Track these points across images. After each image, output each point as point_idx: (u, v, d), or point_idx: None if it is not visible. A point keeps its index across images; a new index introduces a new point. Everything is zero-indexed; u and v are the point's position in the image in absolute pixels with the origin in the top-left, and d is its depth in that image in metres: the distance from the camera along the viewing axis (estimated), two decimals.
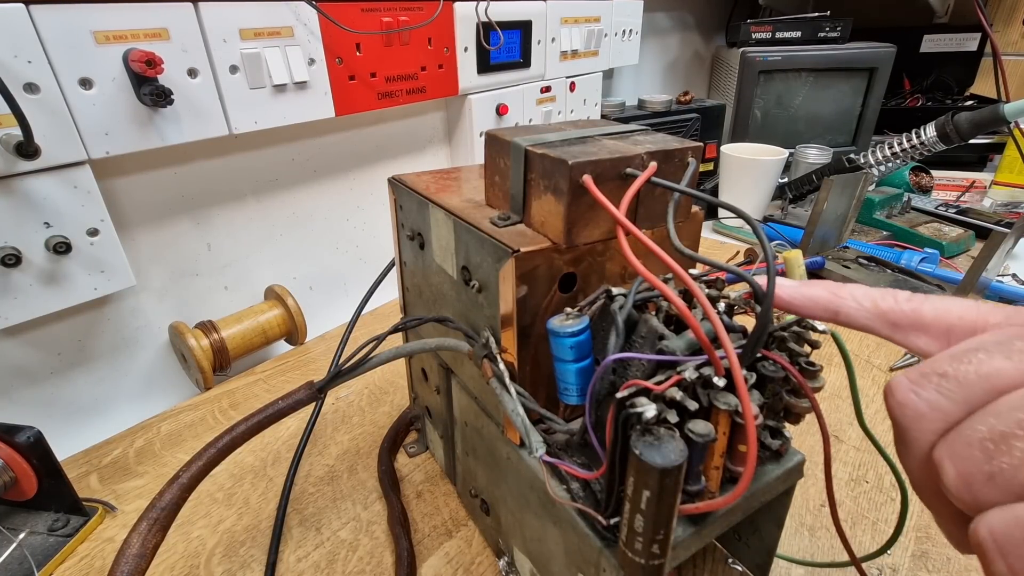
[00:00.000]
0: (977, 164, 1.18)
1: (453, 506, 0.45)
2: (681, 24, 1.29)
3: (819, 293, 0.22)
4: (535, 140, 0.30)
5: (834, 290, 0.22)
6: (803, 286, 0.23)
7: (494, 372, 0.30)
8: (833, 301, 0.22)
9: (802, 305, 0.23)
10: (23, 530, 0.42)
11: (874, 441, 0.28)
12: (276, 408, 0.35)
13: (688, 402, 0.22)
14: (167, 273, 0.59)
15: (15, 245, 0.44)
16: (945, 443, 0.17)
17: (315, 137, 0.67)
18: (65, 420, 0.56)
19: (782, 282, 0.23)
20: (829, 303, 0.22)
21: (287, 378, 0.61)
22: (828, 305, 0.22)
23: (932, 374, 0.18)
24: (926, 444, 0.18)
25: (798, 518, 0.42)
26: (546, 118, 0.88)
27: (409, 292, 0.44)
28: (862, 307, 0.21)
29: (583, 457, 0.27)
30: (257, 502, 0.46)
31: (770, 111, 1.14)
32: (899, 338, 0.20)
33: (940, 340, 0.19)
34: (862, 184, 0.74)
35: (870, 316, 0.21)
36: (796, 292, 0.23)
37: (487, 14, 0.71)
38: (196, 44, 0.49)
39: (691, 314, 0.21)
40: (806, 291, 0.23)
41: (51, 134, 0.44)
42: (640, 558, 0.22)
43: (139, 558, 0.27)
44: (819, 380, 0.27)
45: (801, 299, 0.23)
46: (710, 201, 0.26)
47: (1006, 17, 1.32)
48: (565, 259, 0.29)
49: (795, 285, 0.23)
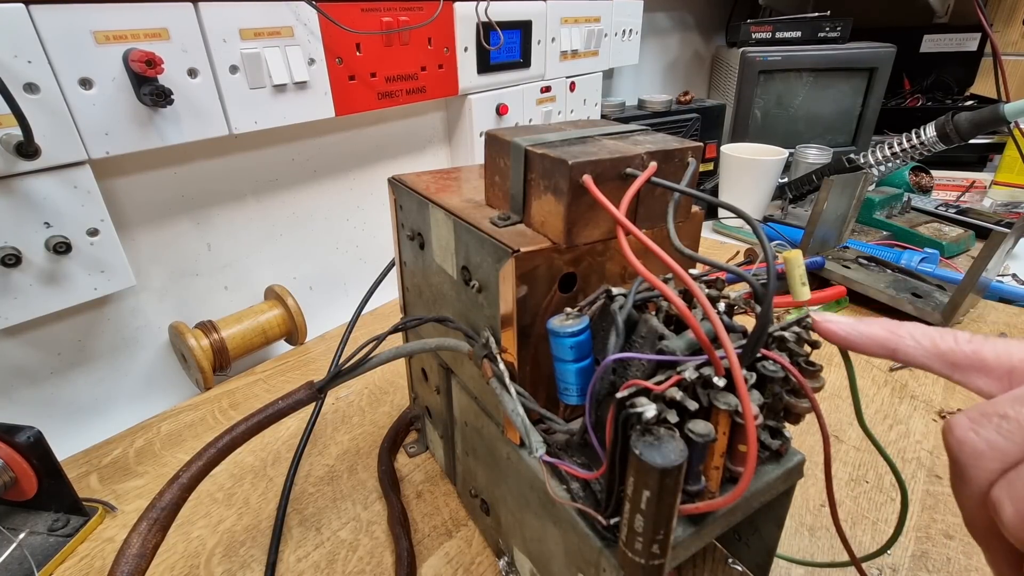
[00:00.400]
0: (977, 164, 1.18)
1: (453, 506, 0.45)
2: (681, 24, 1.29)
3: (877, 332, 0.23)
4: (535, 140, 0.30)
5: (892, 328, 0.22)
6: (860, 324, 0.23)
7: (494, 372, 0.30)
8: (891, 339, 0.22)
9: (859, 342, 0.23)
10: (23, 530, 0.42)
11: (874, 441, 0.28)
12: (276, 408, 0.35)
13: (688, 402, 0.22)
14: (167, 273, 0.59)
15: (15, 245, 0.44)
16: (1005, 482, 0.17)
17: (315, 137, 0.67)
18: (65, 420, 0.56)
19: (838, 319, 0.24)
20: (887, 341, 0.22)
21: (287, 378, 0.61)
22: (886, 343, 0.22)
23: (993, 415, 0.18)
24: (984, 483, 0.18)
25: (798, 518, 0.42)
26: (546, 118, 0.88)
27: (409, 292, 0.44)
28: (921, 346, 0.21)
29: (583, 457, 0.27)
30: (257, 502, 0.46)
31: (770, 111, 1.14)
32: (959, 378, 0.21)
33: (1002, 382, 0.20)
34: (862, 184, 0.74)
35: (929, 356, 0.21)
36: (853, 330, 0.23)
37: (487, 14, 0.71)
38: (196, 44, 0.49)
39: (691, 314, 0.21)
40: (864, 329, 0.23)
41: (51, 134, 0.44)
42: (640, 558, 0.22)
43: (139, 558, 0.27)
44: (819, 380, 0.27)
45: (858, 336, 0.23)
46: (710, 201, 0.26)
47: (1006, 17, 1.32)
48: (565, 259, 0.29)
49: (852, 323, 0.23)
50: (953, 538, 0.40)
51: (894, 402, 0.54)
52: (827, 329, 0.24)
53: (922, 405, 0.53)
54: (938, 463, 0.47)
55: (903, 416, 0.52)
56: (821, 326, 0.24)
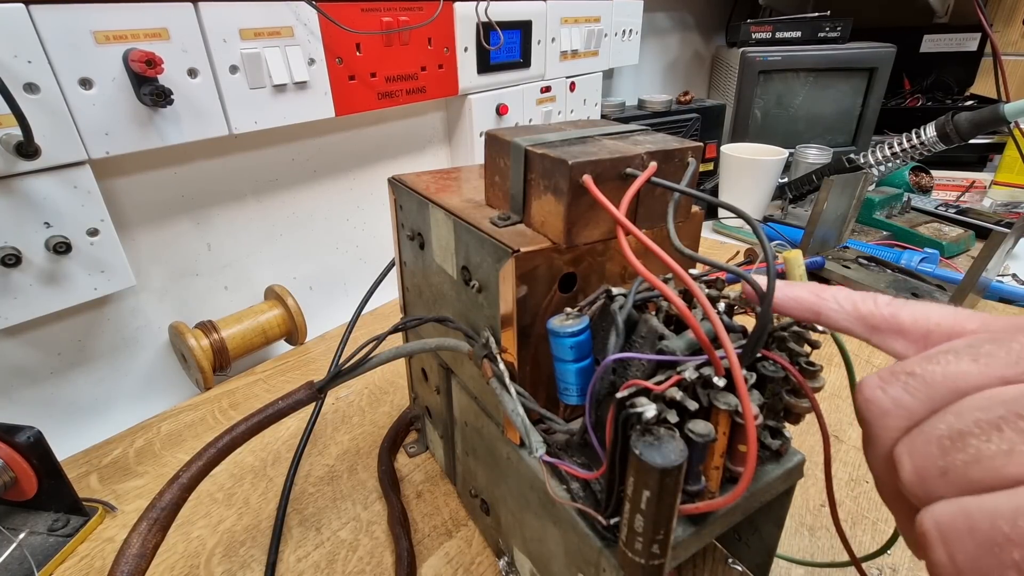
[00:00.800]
0: (977, 164, 1.18)
1: (453, 506, 0.45)
2: (681, 24, 1.29)
3: (802, 294, 0.23)
4: (535, 140, 0.30)
5: (817, 292, 0.22)
6: (787, 287, 0.23)
7: (494, 372, 0.30)
8: (815, 303, 0.22)
9: (785, 305, 0.23)
10: (23, 530, 0.42)
11: None
12: (276, 408, 0.35)
13: (688, 402, 0.22)
14: (167, 273, 0.59)
15: (15, 245, 0.44)
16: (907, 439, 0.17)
17: (315, 137, 0.67)
18: (65, 420, 0.56)
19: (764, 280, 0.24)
20: (811, 304, 0.22)
21: (287, 378, 0.61)
22: (811, 306, 0.22)
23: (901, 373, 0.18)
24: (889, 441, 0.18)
25: (798, 518, 0.42)
26: (546, 118, 0.88)
27: (409, 292, 0.44)
28: (842, 309, 0.21)
29: (583, 457, 0.27)
30: (257, 502, 0.46)
31: (770, 111, 1.14)
32: (877, 340, 0.21)
33: (918, 344, 0.19)
34: (862, 184, 0.74)
35: (849, 318, 0.21)
36: (780, 293, 0.23)
37: (487, 14, 0.71)
38: (196, 44, 0.49)
39: (691, 314, 0.21)
40: (789, 292, 0.23)
41: (51, 134, 0.44)
42: (640, 558, 0.22)
43: (139, 558, 0.27)
44: (819, 380, 0.27)
45: (784, 299, 0.23)
46: (710, 201, 0.26)
47: (1006, 17, 1.32)
48: (565, 259, 0.29)
49: (780, 286, 0.23)
50: None
51: None
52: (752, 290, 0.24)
53: None
54: None
55: None
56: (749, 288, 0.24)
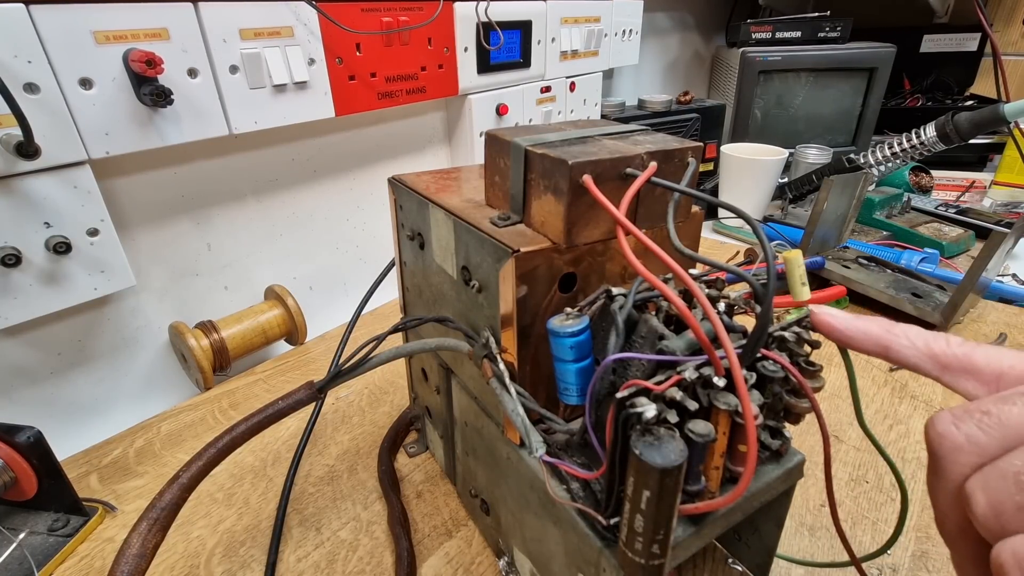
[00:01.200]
0: (977, 164, 1.18)
1: (453, 506, 0.45)
2: (681, 24, 1.29)
3: (872, 328, 0.23)
4: (535, 140, 0.30)
5: (887, 327, 0.23)
6: (857, 320, 0.24)
7: (494, 372, 0.30)
8: (885, 337, 0.22)
9: (854, 338, 0.23)
10: (23, 530, 0.42)
11: (874, 441, 0.28)
12: (276, 408, 0.35)
13: (688, 402, 0.22)
14: (167, 273, 0.59)
15: (15, 245, 0.44)
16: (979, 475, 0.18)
17: (315, 137, 0.67)
18: (65, 420, 0.56)
19: (835, 312, 0.24)
20: (881, 339, 0.23)
21: (287, 378, 0.61)
22: (880, 341, 0.23)
23: (975, 411, 0.18)
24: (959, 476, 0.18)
25: (798, 518, 0.42)
26: (546, 118, 0.88)
27: (409, 292, 0.44)
28: (913, 346, 0.22)
29: (583, 457, 0.27)
30: (257, 502, 0.46)
31: (770, 111, 1.14)
32: (948, 380, 0.21)
33: (989, 386, 0.20)
34: (862, 184, 0.74)
35: (921, 356, 0.22)
36: (850, 324, 0.23)
37: (487, 14, 0.71)
38: (196, 44, 0.49)
39: (691, 314, 0.21)
40: (860, 324, 0.23)
41: (51, 134, 0.44)
42: (640, 558, 0.22)
43: (139, 558, 0.27)
44: (819, 380, 0.27)
45: (854, 331, 0.23)
46: (710, 201, 0.26)
47: (1006, 17, 1.32)
48: (565, 259, 0.29)
49: (849, 317, 0.24)
50: None
51: (894, 402, 0.54)
52: (824, 322, 0.24)
53: (922, 405, 0.53)
54: None
55: (903, 416, 0.52)
56: (818, 318, 0.25)
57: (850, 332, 0.23)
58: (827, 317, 0.24)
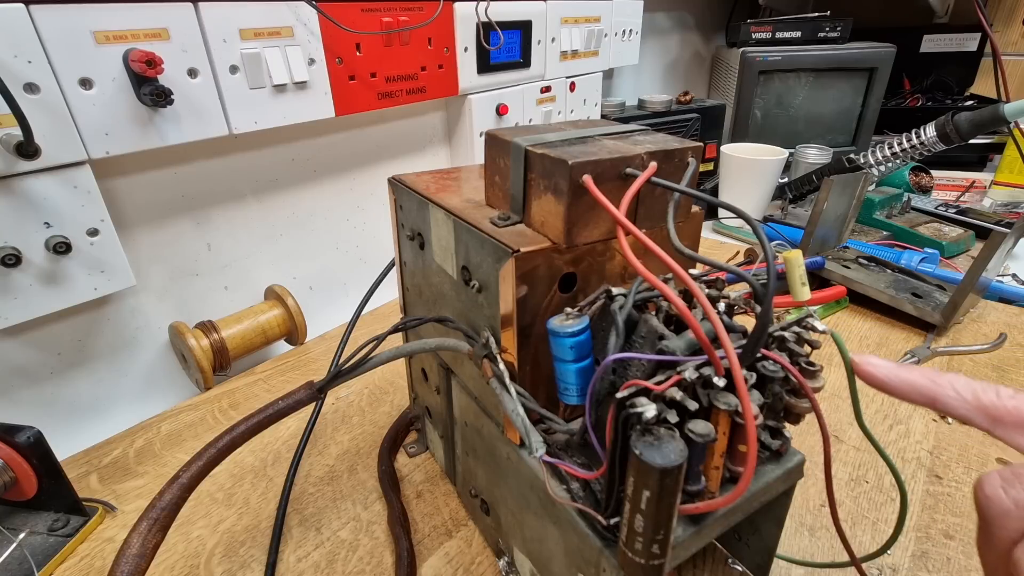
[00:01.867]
0: (977, 164, 1.18)
1: (453, 506, 0.45)
2: (681, 24, 1.29)
3: (917, 379, 0.22)
4: (535, 140, 0.30)
5: (933, 377, 0.22)
6: (901, 369, 0.23)
7: (494, 372, 0.30)
8: (930, 388, 0.22)
9: (899, 388, 0.23)
10: (23, 530, 0.42)
11: (874, 441, 0.28)
12: (276, 408, 0.35)
13: (688, 402, 0.22)
14: (167, 273, 0.59)
15: (15, 245, 0.44)
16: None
17: (315, 137, 0.67)
18: (65, 420, 0.56)
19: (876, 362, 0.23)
20: (926, 390, 0.22)
21: (287, 378, 0.61)
22: (926, 391, 0.22)
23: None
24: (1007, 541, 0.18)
25: (798, 518, 0.42)
26: (546, 118, 0.88)
27: (409, 292, 0.44)
28: (961, 397, 0.21)
29: (583, 457, 0.27)
30: (257, 502, 0.46)
31: (770, 111, 1.14)
32: (1000, 434, 0.20)
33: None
34: (862, 184, 0.74)
35: (970, 408, 0.21)
36: (893, 374, 0.23)
37: (487, 14, 0.71)
38: (196, 44, 0.49)
39: (691, 314, 0.21)
40: (904, 375, 0.23)
41: (51, 134, 0.44)
42: (640, 558, 0.22)
43: (139, 558, 0.27)
44: (819, 380, 0.27)
45: (899, 382, 0.23)
46: (710, 201, 0.26)
47: (1006, 17, 1.32)
48: (565, 259, 0.29)
49: (892, 367, 0.23)
50: (953, 538, 0.40)
51: (894, 402, 0.54)
52: (866, 372, 0.23)
53: None
54: (938, 463, 0.47)
55: (903, 416, 0.52)
56: (860, 368, 0.24)
57: (893, 383, 0.23)
58: (869, 367, 0.23)
